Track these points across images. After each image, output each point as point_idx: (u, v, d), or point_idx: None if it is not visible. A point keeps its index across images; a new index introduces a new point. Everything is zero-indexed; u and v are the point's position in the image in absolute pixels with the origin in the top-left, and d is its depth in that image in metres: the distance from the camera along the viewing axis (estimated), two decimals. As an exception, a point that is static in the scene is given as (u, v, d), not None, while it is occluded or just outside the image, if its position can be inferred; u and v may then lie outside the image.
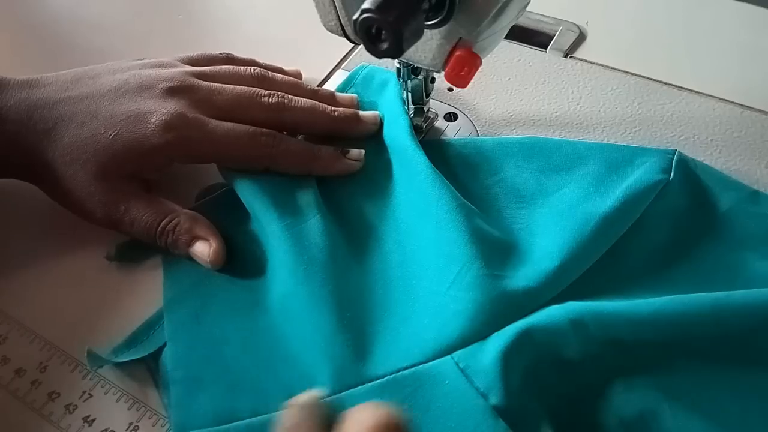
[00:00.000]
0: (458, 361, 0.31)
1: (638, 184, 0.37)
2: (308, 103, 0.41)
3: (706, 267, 0.36)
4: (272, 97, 0.40)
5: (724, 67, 0.48)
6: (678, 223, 0.37)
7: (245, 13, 0.58)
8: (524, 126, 0.45)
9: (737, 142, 0.43)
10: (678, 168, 0.38)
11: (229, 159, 0.40)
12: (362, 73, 0.48)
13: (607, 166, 0.39)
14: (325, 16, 0.36)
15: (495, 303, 0.32)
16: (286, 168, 0.39)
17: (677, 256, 0.36)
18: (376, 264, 0.37)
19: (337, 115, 0.42)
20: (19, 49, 0.56)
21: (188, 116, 0.37)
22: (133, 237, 0.38)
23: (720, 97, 0.45)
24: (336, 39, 0.38)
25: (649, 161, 0.38)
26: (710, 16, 0.51)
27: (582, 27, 0.52)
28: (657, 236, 0.37)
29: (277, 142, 0.39)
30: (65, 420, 0.33)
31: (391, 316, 0.34)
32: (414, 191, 0.38)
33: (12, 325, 0.36)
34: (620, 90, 0.47)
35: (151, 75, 0.39)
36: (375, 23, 0.27)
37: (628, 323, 0.31)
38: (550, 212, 0.37)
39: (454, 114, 0.47)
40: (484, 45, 0.33)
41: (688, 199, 0.38)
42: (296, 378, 0.32)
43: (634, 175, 0.37)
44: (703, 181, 0.39)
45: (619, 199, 0.36)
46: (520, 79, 0.48)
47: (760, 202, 0.38)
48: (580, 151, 0.40)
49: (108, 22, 0.57)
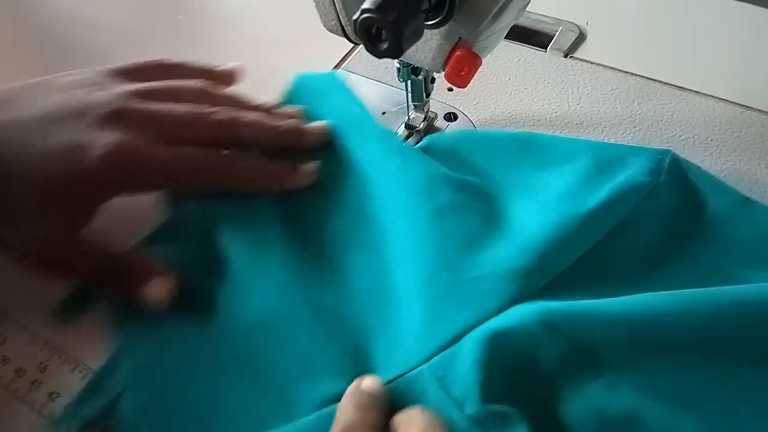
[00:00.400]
0: (435, 370, 0.30)
1: (624, 184, 0.36)
2: (254, 117, 0.39)
3: (693, 271, 0.35)
4: (217, 114, 0.38)
5: (724, 67, 0.48)
6: (665, 226, 0.37)
7: (245, 13, 0.58)
8: (524, 126, 0.45)
9: (737, 142, 0.43)
10: (670, 170, 0.38)
11: (179, 185, 0.37)
12: (301, 82, 0.45)
13: (596, 164, 0.38)
14: (325, 16, 0.36)
15: (464, 305, 0.32)
16: (241, 186, 0.38)
17: (663, 259, 0.36)
18: (348, 277, 0.36)
19: (283, 129, 0.39)
20: (19, 49, 0.56)
21: (130, 147, 0.35)
22: (73, 279, 0.36)
23: (720, 97, 0.45)
24: (336, 39, 0.38)
25: (640, 161, 0.38)
26: (710, 16, 0.51)
27: (582, 27, 0.52)
28: (643, 238, 0.36)
29: (229, 161, 0.37)
30: (65, 420, 0.33)
31: (368, 329, 0.34)
32: (383, 198, 0.38)
33: (12, 325, 0.36)
34: (620, 90, 0.47)
35: (85, 99, 0.36)
36: (375, 23, 0.27)
37: (601, 322, 0.30)
38: (535, 208, 0.37)
39: (454, 114, 0.47)
40: (484, 45, 0.33)
41: (678, 201, 0.37)
42: (274, 402, 0.31)
43: (622, 175, 0.37)
44: (695, 184, 0.38)
45: (603, 199, 0.35)
46: (520, 79, 0.48)
47: (750, 209, 0.38)
48: (572, 148, 0.40)
49: (108, 22, 0.57)
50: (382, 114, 0.47)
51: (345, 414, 0.28)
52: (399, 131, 0.46)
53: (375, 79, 0.50)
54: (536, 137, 0.41)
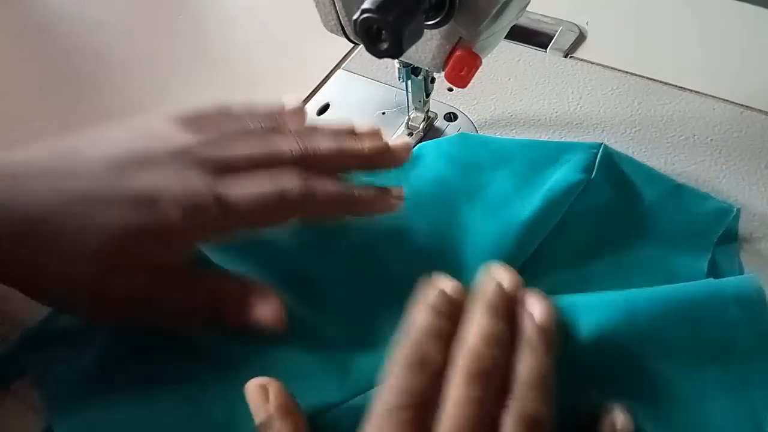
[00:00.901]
0: None
1: (559, 186, 0.36)
2: (332, 144, 0.36)
3: (628, 263, 0.36)
4: (292, 144, 0.34)
5: (725, 68, 0.48)
6: (600, 221, 0.37)
7: (245, 13, 0.58)
8: (524, 126, 0.45)
9: (737, 142, 0.43)
10: (601, 164, 0.38)
11: (259, 226, 0.35)
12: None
13: (530, 166, 0.38)
14: (325, 16, 0.36)
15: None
16: (323, 214, 0.35)
17: (598, 254, 0.36)
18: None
19: (368, 151, 0.36)
20: (20, 49, 0.56)
21: (205, 191, 0.32)
22: (160, 325, 0.33)
23: (720, 97, 0.45)
24: (336, 39, 0.38)
25: (573, 159, 0.38)
26: (711, 16, 0.51)
27: (582, 27, 0.52)
28: (578, 235, 0.37)
29: (309, 192, 0.33)
30: (65, 420, 0.33)
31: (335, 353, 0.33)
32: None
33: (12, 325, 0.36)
34: (620, 90, 0.47)
35: (148, 145, 0.33)
36: (375, 23, 0.27)
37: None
38: (472, 217, 0.37)
39: (454, 114, 0.47)
40: (484, 45, 0.33)
41: (611, 195, 0.38)
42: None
43: (555, 175, 0.37)
44: (628, 176, 0.38)
45: (539, 204, 0.36)
46: (520, 79, 0.48)
47: (682, 196, 0.39)
48: (504, 149, 0.39)
49: (108, 22, 0.57)
50: (382, 114, 0.47)
51: (419, 319, 0.27)
52: (399, 131, 0.46)
53: (375, 79, 0.50)
54: (466, 137, 0.41)
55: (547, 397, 0.25)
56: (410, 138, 0.41)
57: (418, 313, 0.28)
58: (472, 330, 0.27)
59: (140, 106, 0.50)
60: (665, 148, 0.43)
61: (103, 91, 0.52)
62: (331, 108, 0.48)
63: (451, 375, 0.26)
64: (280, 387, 0.29)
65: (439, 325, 0.27)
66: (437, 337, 0.27)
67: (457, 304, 0.28)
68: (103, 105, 0.51)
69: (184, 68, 0.53)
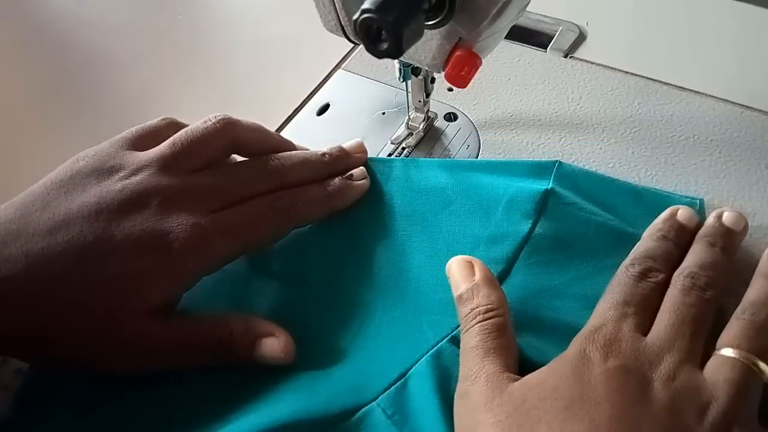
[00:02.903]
0: (384, 408, 0.31)
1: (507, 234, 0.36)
2: (299, 156, 0.38)
3: (610, 266, 0.35)
4: (270, 164, 0.37)
5: (724, 67, 0.48)
6: (561, 251, 0.36)
7: (245, 13, 0.58)
8: (524, 126, 0.45)
9: (737, 142, 0.43)
10: (552, 201, 0.37)
11: (257, 243, 0.36)
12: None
13: (479, 209, 0.38)
14: (325, 16, 0.36)
15: (403, 341, 0.33)
16: (310, 218, 0.38)
17: (571, 277, 0.36)
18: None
19: (328, 158, 0.39)
20: (20, 49, 0.56)
21: (203, 223, 0.33)
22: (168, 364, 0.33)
23: (720, 97, 0.45)
24: (336, 39, 0.38)
25: (519, 204, 0.37)
26: (710, 16, 0.51)
27: (582, 27, 0.52)
28: (544, 267, 0.36)
29: (294, 200, 0.36)
30: (65, 420, 0.33)
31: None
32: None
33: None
34: (620, 90, 0.47)
35: (133, 185, 0.33)
36: (375, 23, 0.27)
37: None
38: (439, 248, 0.37)
39: (454, 114, 0.47)
40: (484, 45, 0.33)
41: (569, 225, 0.37)
42: None
43: (503, 225, 0.37)
44: (586, 192, 0.38)
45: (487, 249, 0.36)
46: (520, 79, 0.48)
47: (643, 198, 0.39)
48: (452, 187, 0.39)
49: (108, 22, 0.57)
50: (382, 114, 0.47)
51: (646, 242, 0.34)
52: (399, 131, 0.46)
53: (375, 79, 0.50)
54: (419, 163, 0.41)
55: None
56: (360, 139, 0.42)
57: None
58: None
59: (140, 106, 0.50)
60: (665, 148, 0.43)
61: (103, 91, 0.52)
62: (331, 108, 0.48)
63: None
64: (483, 264, 0.33)
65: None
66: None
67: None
68: (104, 105, 0.51)
69: (184, 68, 0.53)
